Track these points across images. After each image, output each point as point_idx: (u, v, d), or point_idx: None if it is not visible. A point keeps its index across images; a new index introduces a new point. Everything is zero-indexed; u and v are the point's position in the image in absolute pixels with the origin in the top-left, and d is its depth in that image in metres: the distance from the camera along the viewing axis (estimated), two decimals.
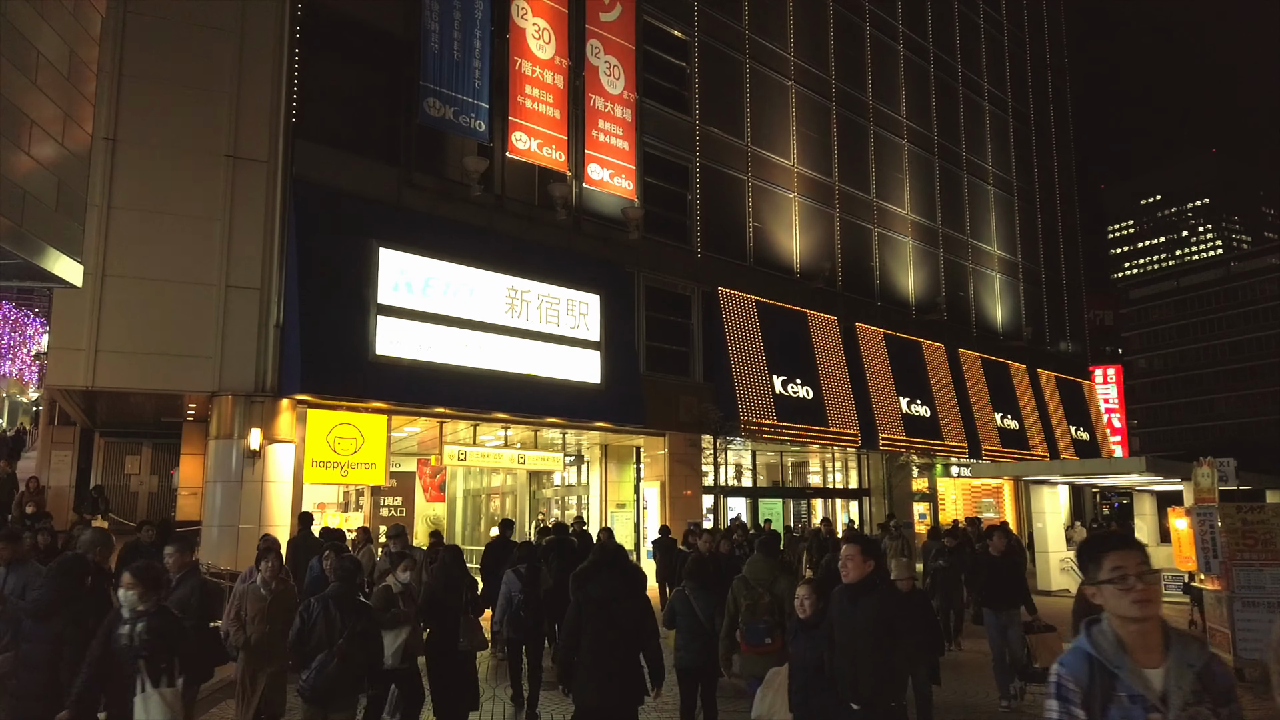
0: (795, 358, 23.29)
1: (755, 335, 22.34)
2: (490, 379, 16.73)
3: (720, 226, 22.76)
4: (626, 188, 20.11)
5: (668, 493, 20.58)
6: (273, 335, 14.85)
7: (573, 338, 18.31)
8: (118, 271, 13.99)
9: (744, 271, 23.05)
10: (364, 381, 15.17)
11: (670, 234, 21.64)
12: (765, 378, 22.11)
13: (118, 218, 14.07)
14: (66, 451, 19.10)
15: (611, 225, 19.96)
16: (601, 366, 18.64)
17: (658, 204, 21.34)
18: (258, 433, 14.54)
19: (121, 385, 14.02)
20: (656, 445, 21.04)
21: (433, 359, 16.00)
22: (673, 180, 21.98)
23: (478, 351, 16.68)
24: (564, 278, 18.41)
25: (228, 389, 14.50)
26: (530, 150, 18.31)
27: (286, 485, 14.93)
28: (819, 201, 25.84)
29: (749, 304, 22.56)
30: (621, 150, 20.15)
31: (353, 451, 15.88)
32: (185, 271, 14.41)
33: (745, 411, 21.15)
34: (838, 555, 10.38)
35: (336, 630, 5.61)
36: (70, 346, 13.64)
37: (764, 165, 24.25)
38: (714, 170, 22.84)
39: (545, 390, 17.58)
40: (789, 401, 22.51)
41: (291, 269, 14.92)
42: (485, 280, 17.05)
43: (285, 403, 14.90)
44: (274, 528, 14.47)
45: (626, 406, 18.92)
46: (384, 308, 15.57)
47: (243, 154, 14.96)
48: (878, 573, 5.15)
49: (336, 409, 15.58)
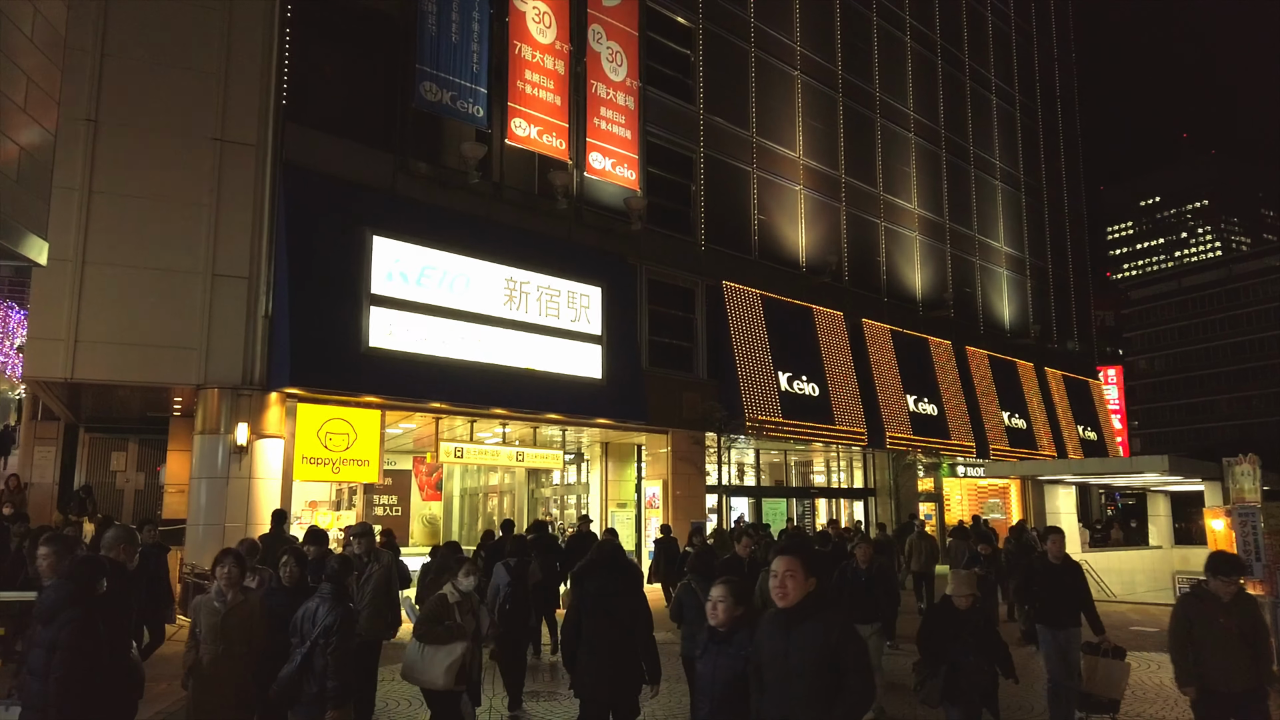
0: (801, 354, 22.71)
1: (760, 330, 21.76)
2: (488, 373, 16.13)
3: (725, 219, 22.17)
4: (629, 177, 19.52)
5: (670, 492, 19.99)
6: (261, 326, 14.25)
7: (573, 331, 17.71)
8: (99, 259, 13.38)
9: (749, 265, 22.47)
10: (356, 375, 14.56)
11: (674, 226, 21.05)
12: (770, 374, 21.52)
13: (99, 202, 13.46)
14: (50, 448, 18.44)
15: (613, 216, 19.36)
16: (603, 361, 18.04)
17: (661, 195, 20.75)
18: (245, 427, 13.93)
19: (102, 377, 13.40)
20: (659, 443, 20.45)
21: (428, 352, 15.40)
22: (676, 171, 21.39)
23: (475, 344, 16.08)
24: (565, 269, 17.81)
25: (214, 382, 13.89)
26: (530, 137, 17.72)
27: (275, 482, 14.32)
28: (825, 195, 25.27)
29: (754, 299, 21.98)
30: (624, 139, 19.57)
31: (345, 448, 15.27)
32: (170, 259, 13.81)
33: (750, 409, 20.56)
34: (844, 558, 9.40)
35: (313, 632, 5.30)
36: (49, 336, 13.03)
37: (769, 157, 23.67)
38: (718, 161, 22.25)
39: (545, 385, 16.98)
40: (795, 399, 21.93)
41: (281, 258, 14.32)
42: (483, 270, 16.44)
43: (274, 396, 14.29)
44: (261, 526, 13.86)
45: (628, 403, 18.33)
46: (377, 298, 14.96)
47: (231, 137, 14.36)
48: (819, 594, 3.99)
49: (328, 403, 14.97)
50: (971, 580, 6.27)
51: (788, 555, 4.00)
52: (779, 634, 3.89)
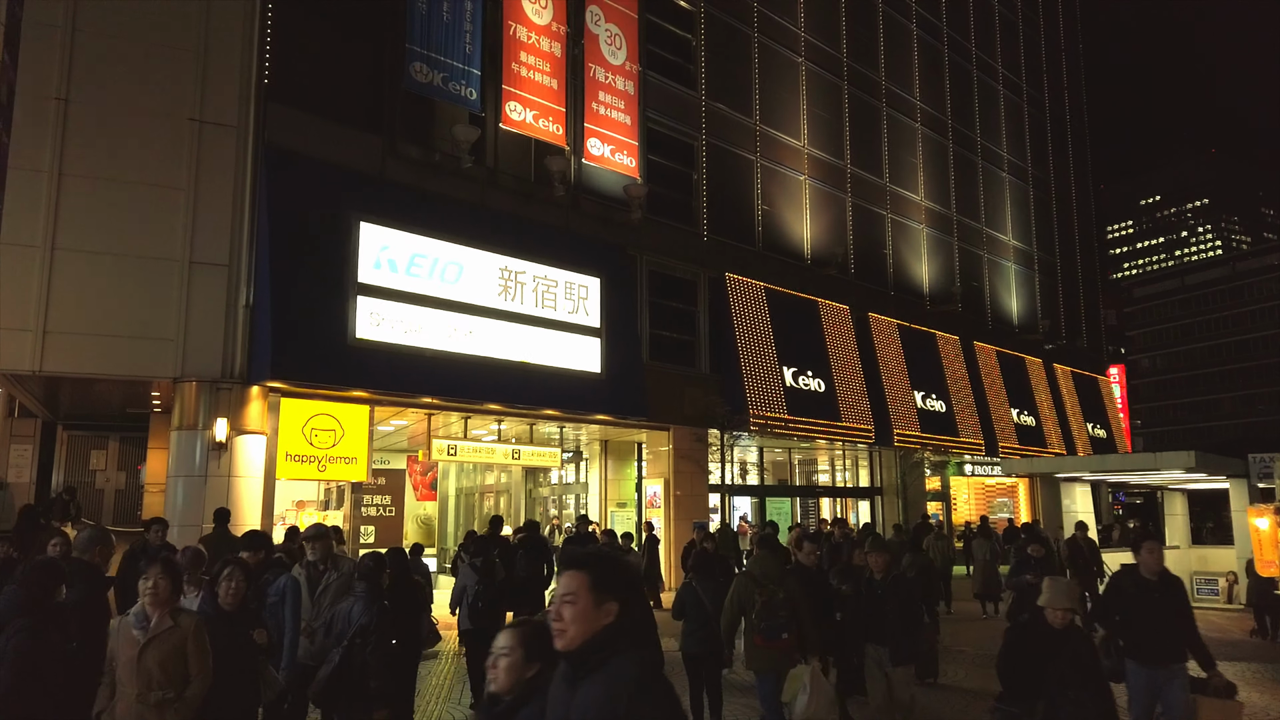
0: (807, 349, 21.99)
1: (765, 324, 21.04)
2: (482, 367, 15.40)
3: (728, 209, 21.45)
4: (628, 164, 18.80)
5: (671, 491, 19.25)
6: (242, 316, 13.51)
7: (571, 323, 16.98)
8: (70, 245, 12.65)
9: (753, 257, 21.75)
10: (343, 367, 13.83)
11: (675, 215, 20.33)
12: (775, 369, 20.80)
13: (70, 185, 12.74)
14: (27, 446, 17.70)
15: (613, 204, 18.63)
16: (602, 355, 17.32)
17: (662, 184, 20.02)
18: (224, 423, 13.19)
19: (72, 370, 12.68)
20: (660, 440, 19.73)
21: (419, 344, 14.67)
22: (678, 159, 20.67)
23: (468, 337, 15.35)
24: (562, 259, 17.08)
25: (191, 375, 13.16)
26: (525, 122, 16.99)
27: (257, 481, 13.59)
28: (830, 185, 24.55)
29: (758, 291, 21.26)
30: (623, 125, 18.84)
31: (331, 445, 14.54)
32: (145, 246, 13.08)
33: (755, 405, 19.84)
34: (852, 556, 9.57)
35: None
36: (16, 327, 12.29)
37: (773, 145, 22.95)
38: (721, 149, 21.53)
39: (542, 380, 16.25)
40: (801, 395, 21.21)
41: (263, 245, 13.59)
42: (476, 259, 15.71)
43: (255, 390, 13.56)
44: (240, 526, 13.13)
45: (628, 398, 17.60)
46: (365, 287, 14.23)
47: (210, 118, 13.63)
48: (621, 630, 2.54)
49: (313, 398, 14.24)
50: (1073, 592, 4.89)
51: (573, 570, 2.64)
52: (564, 693, 2.55)
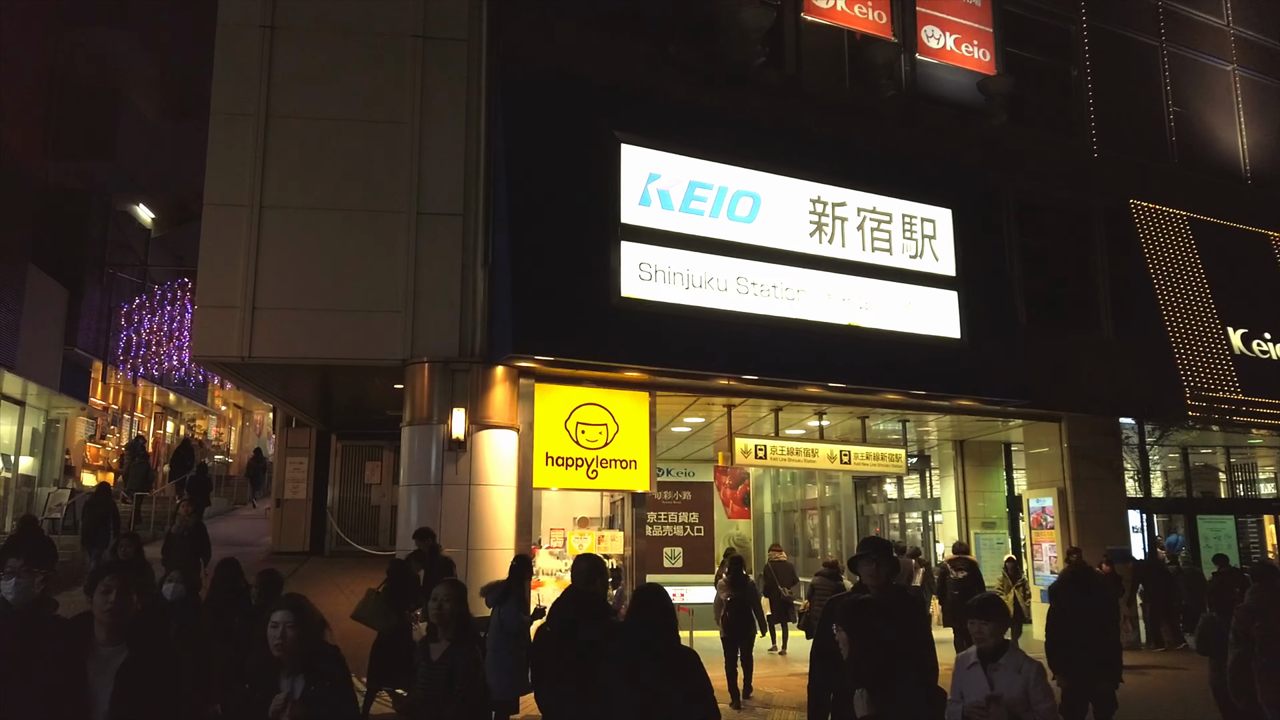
0: (1259, 301, 15.36)
1: (1195, 267, 14.85)
2: (793, 332, 11.17)
3: (1124, 115, 15.54)
4: (982, 59, 13.80)
5: (1071, 505, 13.66)
6: (480, 278, 10.44)
7: (914, 270, 12.22)
8: (278, 201, 10.30)
9: (1165, 177, 15.61)
10: (604, 337, 10.24)
11: (1050, 126, 14.88)
12: (1218, 331, 14.49)
13: (278, 128, 10.41)
14: (302, 459, 16.25)
15: (962, 113, 13.68)
16: (960, 314, 12.37)
17: (1029, 84, 14.69)
18: (461, 414, 10.10)
19: (283, 355, 10.24)
20: (1043, 435, 14.30)
21: (704, 303, 10.76)
22: (1049, 50, 15.25)
23: (770, 294, 11.20)
24: (896, 185, 12.41)
25: (422, 354, 10.27)
26: (836, 9, 12.66)
27: (508, 491, 10.34)
28: (1271, 76, 17.62)
29: (1180, 223, 15.10)
30: (969, 6, 13.89)
31: (603, 443, 11.06)
32: (364, 196, 10.46)
33: (1192, 382, 13.73)
34: None
35: None
36: (220, 304, 10.09)
37: (1183, 26, 16.63)
38: (1109, 34, 15.70)
39: (876, 350, 11.67)
40: (1256, 366, 14.67)
41: (502, 185, 10.45)
42: (778, 188, 11.54)
43: (500, 372, 10.38)
44: (487, 551, 9.97)
45: (1003, 373, 12.43)
46: (630, 229, 10.57)
47: (435, 32, 10.82)
48: None
49: (576, 382, 10.86)
50: None
51: None
52: None
